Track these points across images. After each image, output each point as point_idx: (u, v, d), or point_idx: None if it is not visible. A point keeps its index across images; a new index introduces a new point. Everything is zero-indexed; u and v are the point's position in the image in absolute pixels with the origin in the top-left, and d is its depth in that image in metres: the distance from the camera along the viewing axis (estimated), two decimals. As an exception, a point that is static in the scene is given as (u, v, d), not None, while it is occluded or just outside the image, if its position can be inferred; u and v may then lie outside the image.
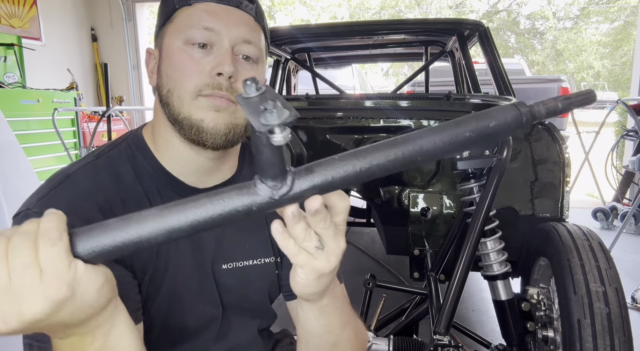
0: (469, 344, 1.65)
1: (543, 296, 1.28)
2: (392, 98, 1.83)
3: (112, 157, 0.71)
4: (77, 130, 4.66)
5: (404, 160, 0.42)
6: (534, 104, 0.43)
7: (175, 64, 0.66)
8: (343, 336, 0.64)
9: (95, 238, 0.40)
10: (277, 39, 2.59)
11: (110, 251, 0.40)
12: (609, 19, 19.92)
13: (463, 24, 2.18)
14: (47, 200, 0.63)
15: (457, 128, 0.42)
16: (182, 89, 0.66)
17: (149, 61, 0.73)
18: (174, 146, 0.70)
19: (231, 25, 0.67)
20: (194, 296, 0.72)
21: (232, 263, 0.75)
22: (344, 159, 0.42)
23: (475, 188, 1.33)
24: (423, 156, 0.42)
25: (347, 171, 0.42)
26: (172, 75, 0.67)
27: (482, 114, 0.43)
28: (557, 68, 21.72)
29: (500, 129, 0.42)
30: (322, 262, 0.47)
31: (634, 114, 3.28)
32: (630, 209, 3.23)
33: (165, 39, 0.69)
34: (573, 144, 3.42)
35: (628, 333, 1.01)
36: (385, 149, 0.42)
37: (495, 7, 21.37)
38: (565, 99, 0.42)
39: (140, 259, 0.67)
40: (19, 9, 4.77)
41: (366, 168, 0.42)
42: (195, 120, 0.66)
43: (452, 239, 1.50)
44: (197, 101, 0.66)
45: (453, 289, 1.13)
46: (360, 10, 20.38)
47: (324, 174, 0.42)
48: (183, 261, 0.70)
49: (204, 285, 0.73)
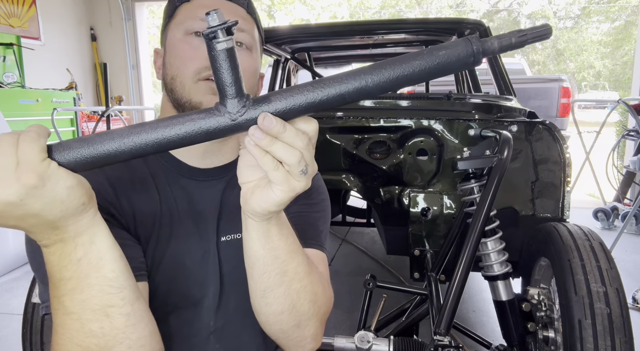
0: (470, 344, 1.65)
1: (544, 297, 1.28)
2: (392, 98, 1.82)
3: None
4: (76, 130, 4.66)
5: (360, 92, 0.45)
6: (488, 38, 0.44)
7: (176, 53, 0.72)
8: (291, 266, 0.63)
9: (71, 148, 0.46)
10: (277, 39, 2.58)
11: (82, 161, 0.46)
12: (609, 18, 19.92)
13: (463, 24, 2.18)
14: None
15: (412, 60, 0.44)
16: (184, 74, 0.70)
17: (156, 60, 0.78)
18: None
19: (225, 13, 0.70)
20: (197, 265, 0.75)
21: (231, 235, 0.79)
22: (302, 88, 0.46)
23: (476, 188, 1.32)
24: (378, 88, 0.45)
25: (304, 98, 0.45)
26: (174, 63, 0.72)
27: (436, 47, 0.45)
28: (558, 68, 21.72)
29: (452, 61, 0.44)
30: (301, 183, 0.50)
31: (635, 114, 3.28)
32: (631, 210, 3.23)
33: (169, 34, 0.74)
34: (574, 144, 3.42)
35: (629, 334, 1.01)
36: (344, 80, 0.45)
37: (496, 7, 21.37)
38: (519, 34, 0.44)
39: (145, 228, 0.71)
40: (18, 8, 4.77)
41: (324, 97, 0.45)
42: (195, 103, 0.70)
43: (453, 239, 1.49)
44: (196, 85, 0.70)
45: (453, 290, 1.13)
46: (360, 9, 20.38)
47: (282, 101, 0.46)
48: (186, 232, 0.75)
49: (206, 256, 0.76)
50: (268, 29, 2.53)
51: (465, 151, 1.35)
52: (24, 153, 0.44)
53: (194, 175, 0.77)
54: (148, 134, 0.46)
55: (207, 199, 0.78)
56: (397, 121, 1.60)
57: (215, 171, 0.79)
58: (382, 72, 0.44)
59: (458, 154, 1.34)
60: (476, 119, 1.52)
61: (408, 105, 1.66)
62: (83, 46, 5.80)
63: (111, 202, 0.68)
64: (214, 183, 0.79)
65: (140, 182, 0.73)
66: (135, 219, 0.70)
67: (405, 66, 0.44)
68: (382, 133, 1.63)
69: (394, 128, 1.61)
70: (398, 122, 1.60)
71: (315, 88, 0.45)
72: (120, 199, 0.69)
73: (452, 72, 0.46)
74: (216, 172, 0.79)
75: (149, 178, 0.74)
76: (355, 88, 0.44)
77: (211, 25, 0.41)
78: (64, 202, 0.47)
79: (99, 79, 5.91)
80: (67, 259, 0.51)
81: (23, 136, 0.46)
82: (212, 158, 0.78)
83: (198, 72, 0.70)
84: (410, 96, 2.21)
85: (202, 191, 0.78)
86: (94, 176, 0.65)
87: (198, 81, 0.70)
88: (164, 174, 0.76)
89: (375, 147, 1.64)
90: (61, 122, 4.33)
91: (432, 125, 1.56)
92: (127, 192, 0.71)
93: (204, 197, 0.78)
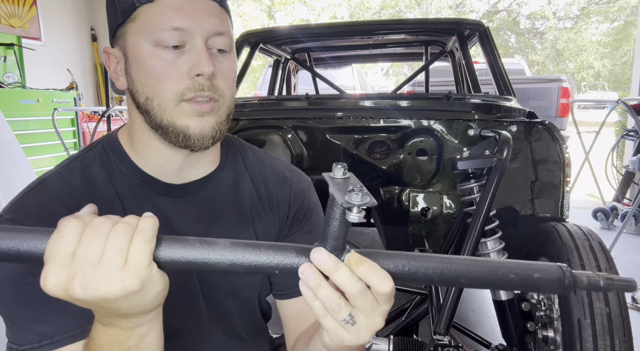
0: (469, 344, 1.65)
1: (543, 296, 1.28)
2: (392, 98, 1.83)
3: (86, 160, 0.70)
4: (77, 130, 4.66)
5: (448, 277, 0.45)
6: (578, 273, 0.46)
7: (148, 70, 0.63)
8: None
9: (174, 248, 0.45)
10: (277, 39, 2.59)
11: (180, 264, 0.45)
12: (609, 18, 19.92)
13: (463, 24, 2.18)
14: (19, 205, 0.64)
15: (502, 267, 0.45)
16: (162, 96, 0.63)
17: (108, 62, 0.68)
18: (153, 147, 0.68)
19: (201, 20, 0.63)
20: (179, 294, 0.70)
21: None
22: (397, 256, 0.45)
23: (476, 187, 1.33)
24: (467, 280, 0.45)
25: (395, 265, 0.45)
26: (148, 82, 0.63)
27: (529, 263, 0.46)
28: (557, 68, 21.72)
29: (542, 283, 0.45)
30: (350, 336, 0.45)
31: (634, 114, 3.28)
32: (631, 209, 3.23)
33: (129, 39, 0.64)
34: (573, 144, 3.42)
35: (628, 333, 1.01)
36: (433, 261, 0.45)
37: (496, 7, 21.37)
38: (608, 280, 0.45)
39: None
40: (19, 8, 4.77)
41: (413, 271, 0.44)
42: (180, 127, 0.64)
43: (452, 239, 1.50)
44: (179, 107, 0.63)
45: (453, 290, 1.13)
46: (360, 10, 20.38)
47: (377, 261, 0.45)
48: None
49: (187, 283, 0.72)
50: (268, 29, 2.54)
51: (464, 151, 1.35)
52: (135, 254, 0.42)
53: (169, 192, 0.70)
54: (253, 256, 0.45)
55: (184, 220, 0.71)
56: (397, 121, 1.60)
57: (192, 185, 0.72)
58: (475, 271, 0.45)
59: (458, 154, 1.34)
60: (476, 119, 1.52)
61: (408, 105, 1.66)
62: (84, 46, 5.80)
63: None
64: (192, 199, 0.72)
65: (106, 206, 0.65)
66: None
67: (499, 275, 0.45)
68: (382, 133, 1.63)
69: (393, 128, 1.62)
70: (398, 122, 1.60)
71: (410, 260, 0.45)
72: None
73: (537, 292, 0.48)
74: (193, 187, 0.72)
75: (116, 201, 0.67)
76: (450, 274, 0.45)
77: (353, 203, 0.39)
78: (147, 305, 0.46)
79: (100, 80, 5.91)
80: (119, 344, 0.50)
81: (139, 235, 0.43)
82: (189, 171, 0.72)
83: (181, 95, 0.63)
84: (410, 96, 2.21)
85: (179, 210, 0.71)
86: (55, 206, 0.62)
87: (181, 103, 0.63)
88: (132, 194, 0.68)
89: (375, 147, 1.64)
90: (62, 123, 4.33)
91: (432, 125, 1.57)
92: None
93: (182, 218, 0.71)
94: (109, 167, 0.70)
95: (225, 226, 0.74)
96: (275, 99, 2.19)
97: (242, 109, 1.76)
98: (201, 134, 0.65)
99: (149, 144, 0.69)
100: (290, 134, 1.68)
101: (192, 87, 0.63)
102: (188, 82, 0.63)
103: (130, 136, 0.71)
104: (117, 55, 0.67)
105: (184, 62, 0.63)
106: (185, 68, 0.63)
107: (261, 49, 2.50)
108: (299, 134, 1.69)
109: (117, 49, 0.67)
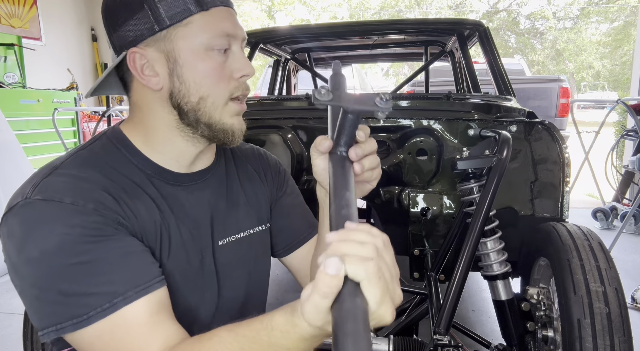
0: (469, 344, 1.65)
1: (543, 296, 1.28)
2: (392, 98, 1.83)
3: (94, 150, 0.72)
4: (77, 130, 4.67)
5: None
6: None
7: (204, 71, 0.68)
8: None
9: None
10: (277, 40, 2.59)
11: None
12: (608, 19, 19.93)
13: (463, 24, 2.18)
14: (45, 185, 0.63)
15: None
16: (217, 95, 0.70)
17: (134, 63, 0.68)
18: (175, 144, 0.74)
19: (238, 29, 0.72)
20: (195, 273, 0.75)
21: (227, 238, 0.81)
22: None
23: (475, 188, 1.33)
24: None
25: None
26: (204, 82, 0.69)
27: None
28: (557, 68, 21.73)
29: None
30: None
31: (634, 114, 3.28)
32: (630, 209, 3.23)
33: (180, 42, 0.67)
34: (573, 144, 3.42)
35: (628, 333, 1.01)
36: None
37: (495, 7, 21.38)
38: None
39: (149, 238, 0.69)
40: (19, 9, 4.77)
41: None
42: (227, 125, 0.72)
43: (452, 239, 1.50)
44: (227, 106, 0.71)
45: (453, 289, 1.13)
46: (360, 10, 20.38)
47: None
48: (184, 241, 0.74)
49: (203, 262, 0.77)
50: (268, 29, 2.54)
51: (464, 151, 1.35)
52: (394, 294, 0.44)
53: (179, 181, 0.76)
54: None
55: (197, 205, 0.77)
56: (396, 121, 1.60)
57: (199, 174, 0.79)
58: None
59: (457, 154, 1.34)
60: (475, 119, 1.52)
61: (408, 105, 1.66)
62: (84, 47, 5.81)
63: (118, 212, 0.65)
64: (201, 186, 0.79)
65: (132, 190, 0.69)
66: (140, 226, 0.68)
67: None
68: (382, 133, 1.63)
69: (393, 128, 1.62)
70: (398, 122, 1.60)
71: None
72: (123, 207, 0.66)
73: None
74: (200, 175, 0.79)
75: (137, 188, 0.70)
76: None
77: (382, 107, 0.49)
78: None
79: (99, 80, 5.90)
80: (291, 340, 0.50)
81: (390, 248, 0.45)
82: (198, 163, 0.78)
83: (231, 93, 0.71)
84: (410, 96, 2.21)
85: (192, 197, 0.77)
86: (93, 192, 0.63)
87: (229, 102, 0.71)
88: (151, 183, 0.72)
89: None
90: (62, 123, 4.33)
91: (432, 125, 1.57)
92: (125, 200, 0.67)
93: (195, 203, 0.77)
94: (118, 158, 0.72)
95: (229, 205, 0.82)
96: (275, 99, 2.19)
97: (242, 109, 1.76)
98: (240, 131, 0.75)
99: (171, 141, 0.74)
100: (290, 134, 1.68)
101: (238, 87, 0.72)
102: (235, 82, 0.71)
103: (144, 133, 0.74)
104: (150, 56, 0.68)
105: (230, 65, 0.71)
106: (233, 70, 0.71)
107: (261, 49, 2.50)
108: (299, 134, 1.70)
109: (153, 50, 0.68)
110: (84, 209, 0.61)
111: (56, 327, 0.59)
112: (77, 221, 0.60)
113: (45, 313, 0.60)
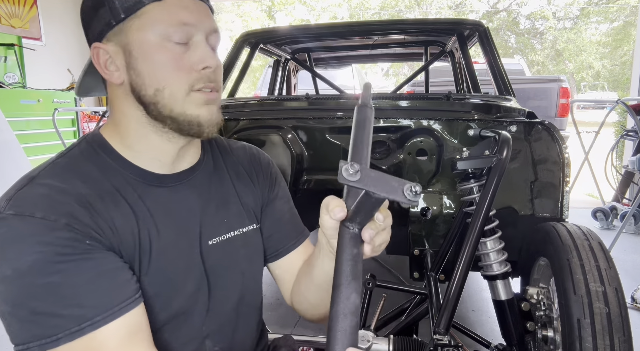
0: (469, 344, 1.65)
1: (543, 296, 1.28)
2: (392, 98, 1.83)
3: (72, 157, 0.70)
4: (77, 130, 4.67)
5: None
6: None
7: (158, 62, 0.66)
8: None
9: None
10: (277, 39, 2.59)
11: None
12: (608, 19, 19.93)
13: (463, 24, 2.19)
14: (18, 199, 0.61)
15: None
16: (174, 87, 0.67)
17: (98, 58, 0.69)
18: (150, 141, 0.72)
19: (203, 18, 0.69)
20: (183, 276, 0.73)
21: (217, 238, 0.78)
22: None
23: (475, 187, 1.33)
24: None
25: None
26: (159, 74, 0.67)
27: None
28: (557, 68, 21.74)
29: None
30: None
31: (634, 114, 3.28)
32: (630, 209, 3.23)
33: (134, 35, 0.66)
34: (573, 144, 3.42)
35: (628, 333, 1.01)
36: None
37: (495, 7, 21.38)
38: None
39: (126, 247, 0.67)
40: (19, 9, 4.77)
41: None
42: (191, 116, 0.69)
43: (452, 239, 1.50)
44: (190, 97, 0.69)
45: (453, 289, 1.13)
46: (360, 10, 20.39)
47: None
48: (167, 245, 0.71)
49: (190, 264, 0.75)
50: (268, 29, 2.54)
51: (464, 151, 1.35)
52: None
53: (163, 182, 0.74)
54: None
55: (183, 205, 0.75)
56: (396, 121, 1.60)
57: (184, 174, 0.77)
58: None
59: (457, 154, 1.34)
60: (475, 119, 1.52)
61: (408, 105, 1.66)
62: (84, 47, 5.79)
63: (91, 226, 0.62)
64: (186, 185, 0.76)
65: (109, 198, 0.67)
66: (116, 238, 0.66)
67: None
68: (382, 133, 1.63)
69: (393, 128, 1.62)
70: (398, 122, 1.60)
71: None
72: (97, 220, 0.63)
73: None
74: (185, 175, 0.77)
75: (116, 194, 0.68)
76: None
77: (411, 200, 0.46)
78: None
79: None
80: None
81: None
82: (180, 162, 0.76)
83: (191, 85, 0.68)
84: (410, 96, 2.21)
85: (177, 198, 0.75)
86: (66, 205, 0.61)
87: (190, 93, 0.68)
88: (130, 186, 0.70)
89: (375, 147, 1.64)
90: (62, 123, 4.33)
91: (432, 125, 1.57)
92: (100, 211, 0.64)
93: (180, 204, 0.75)
94: (98, 163, 0.70)
95: (219, 204, 0.80)
96: (275, 99, 2.19)
97: (242, 109, 1.76)
98: (210, 121, 0.71)
99: (146, 138, 0.72)
100: (290, 134, 1.68)
101: (200, 78, 0.69)
102: (197, 74, 0.69)
103: (120, 133, 0.72)
104: (111, 50, 0.68)
105: (191, 56, 0.68)
106: (193, 61, 0.68)
107: (261, 49, 2.50)
108: (299, 134, 1.70)
109: (112, 44, 0.68)
110: (56, 224, 0.59)
111: (27, 346, 0.58)
112: (49, 238, 0.58)
113: (16, 330, 0.59)
